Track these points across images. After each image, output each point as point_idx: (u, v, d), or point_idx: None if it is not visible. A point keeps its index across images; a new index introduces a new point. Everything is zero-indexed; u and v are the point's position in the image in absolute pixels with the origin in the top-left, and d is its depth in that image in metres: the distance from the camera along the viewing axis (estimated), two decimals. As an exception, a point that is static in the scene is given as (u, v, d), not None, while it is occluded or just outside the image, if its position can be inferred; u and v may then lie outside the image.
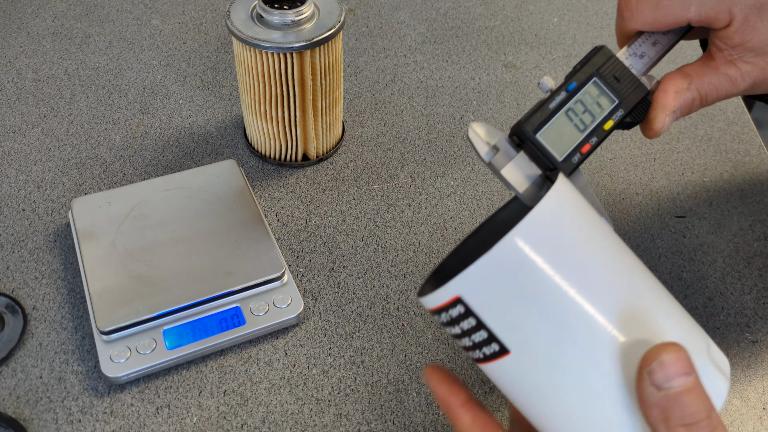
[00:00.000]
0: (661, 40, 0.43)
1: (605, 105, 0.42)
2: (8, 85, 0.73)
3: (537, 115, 0.40)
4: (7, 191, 0.63)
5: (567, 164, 0.40)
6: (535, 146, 0.40)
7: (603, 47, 0.42)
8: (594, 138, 0.41)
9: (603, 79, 0.42)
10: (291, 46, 0.56)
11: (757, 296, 0.58)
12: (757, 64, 0.41)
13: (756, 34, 0.40)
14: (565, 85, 0.41)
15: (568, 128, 0.41)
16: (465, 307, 0.34)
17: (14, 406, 0.49)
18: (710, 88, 0.42)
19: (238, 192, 0.59)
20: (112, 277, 0.53)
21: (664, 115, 0.42)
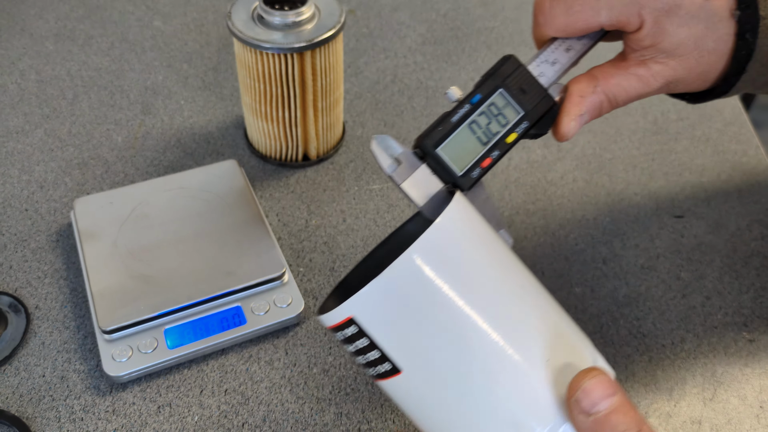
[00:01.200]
0: (574, 45, 0.43)
1: (510, 117, 0.41)
2: (11, 86, 0.74)
3: (439, 128, 0.40)
4: (10, 191, 0.63)
5: (466, 179, 0.40)
6: (435, 161, 0.40)
7: (511, 57, 0.42)
8: (496, 151, 0.41)
9: (509, 90, 0.41)
10: (292, 46, 0.57)
11: (755, 295, 0.58)
12: (668, 65, 0.41)
13: (666, 37, 0.40)
14: (470, 97, 0.41)
15: (470, 142, 0.40)
16: (358, 328, 0.34)
17: (17, 404, 0.49)
18: (618, 89, 0.43)
19: (238, 192, 0.60)
20: (114, 276, 0.53)
21: (569, 120, 0.42)
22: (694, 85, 0.43)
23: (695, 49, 0.41)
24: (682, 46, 0.40)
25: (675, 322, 0.56)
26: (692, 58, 0.41)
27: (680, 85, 0.43)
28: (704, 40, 0.40)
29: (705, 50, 0.41)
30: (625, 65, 0.43)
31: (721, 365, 0.53)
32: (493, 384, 0.34)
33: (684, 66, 0.41)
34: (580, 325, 0.55)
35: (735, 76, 0.42)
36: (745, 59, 0.41)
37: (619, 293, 0.58)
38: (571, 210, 0.64)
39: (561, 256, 0.60)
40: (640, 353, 0.54)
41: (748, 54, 0.41)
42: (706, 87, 0.44)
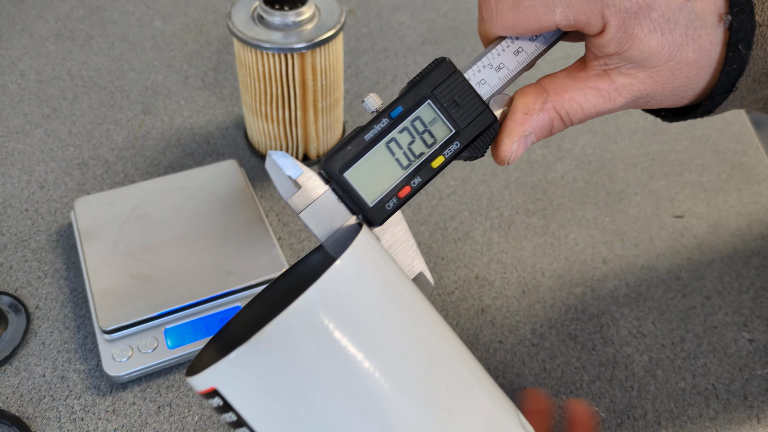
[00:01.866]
0: (525, 47, 0.36)
1: (438, 135, 0.34)
2: (11, 86, 0.74)
3: (348, 148, 0.33)
4: (11, 191, 0.63)
5: (378, 211, 0.34)
6: (341, 188, 0.33)
7: (444, 60, 0.35)
8: (417, 178, 0.34)
9: (439, 102, 0.34)
10: (292, 47, 0.57)
11: (755, 295, 0.58)
12: (636, 77, 0.34)
13: (635, 43, 0.33)
14: (389, 109, 0.34)
15: (386, 165, 0.34)
16: (222, 400, 0.29)
17: (18, 404, 0.49)
18: (573, 106, 0.35)
19: (239, 192, 0.60)
20: (114, 276, 0.53)
21: (510, 141, 0.35)
22: (668, 102, 0.36)
23: (670, 60, 0.33)
24: (654, 56, 0.33)
25: (675, 322, 0.56)
26: (666, 70, 0.34)
27: (651, 102, 0.36)
28: (682, 49, 0.33)
29: (683, 61, 0.33)
30: (583, 76, 0.35)
31: (721, 365, 0.53)
32: None
33: (655, 79, 0.34)
34: (580, 325, 0.56)
35: (722, 94, 0.34)
36: (735, 74, 0.33)
37: (619, 293, 0.58)
38: (571, 210, 0.64)
39: (561, 256, 0.60)
40: (640, 353, 0.54)
41: (739, 68, 0.33)
42: (684, 104, 0.36)
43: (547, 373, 0.52)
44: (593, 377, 0.52)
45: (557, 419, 0.43)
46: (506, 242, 0.61)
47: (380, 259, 0.31)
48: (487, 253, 0.60)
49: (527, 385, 0.51)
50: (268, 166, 0.33)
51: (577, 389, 0.52)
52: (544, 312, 0.56)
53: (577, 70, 0.36)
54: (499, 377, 0.52)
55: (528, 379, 0.52)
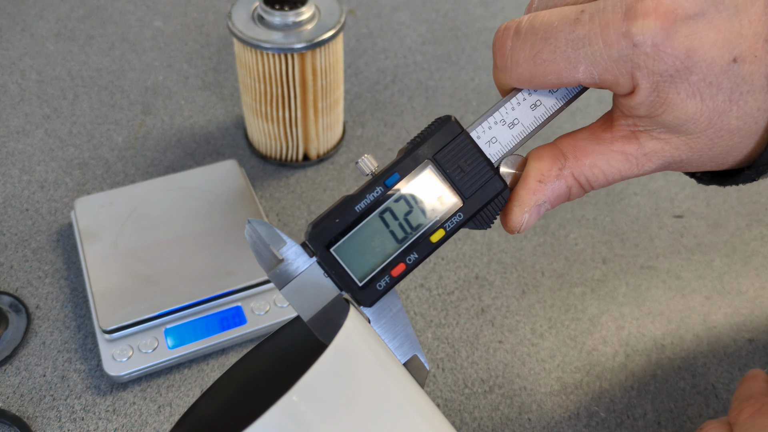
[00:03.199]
0: (544, 101, 0.32)
1: (440, 206, 0.31)
2: (12, 86, 0.74)
3: (337, 220, 0.30)
4: (11, 191, 0.63)
5: (369, 292, 0.30)
6: (327, 264, 0.30)
7: (450, 118, 0.31)
8: (413, 254, 0.31)
9: (441, 168, 0.31)
10: (292, 47, 0.57)
11: (754, 295, 0.58)
12: (670, 142, 0.30)
13: (670, 108, 0.29)
14: (385, 176, 0.30)
15: (379, 238, 0.30)
16: None
17: (18, 404, 0.49)
18: (594, 172, 0.31)
19: (239, 192, 0.60)
20: (115, 276, 0.53)
21: (521, 211, 0.32)
22: (705, 167, 0.32)
23: (710, 128, 0.29)
24: (691, 123, 0.29)
25: (675, 322, 0.56)
26: (705, 137, 0.30)
27: (684, 167, 0.32)
28: (725, 116, 0.29)
29: (724, 129, 0.29)
30: (608, 138, 0.31)
31: (721, 365, 0.53)
32: None
33: (691, 146, 0.30)
34: (580, 325, 0.56)
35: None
36: None
37: (619, 293, 0.58)
38: (571, 210, 0.64)
39: (561, 256, 0.60)
40: (640, 353, 0.54)
41: None
42: (724, 169, 0.32)
43: (547, 372, 0.52)
44: (593, 377, 0.52)
45: None
46: (506, 242, 0.61)
47: (369, 348, 0.28)
48: (487, 253, 0.60)
49: (527, 385, 0.52)
50: (248, 234, 0.29)
51: (576, 389, 0.52)
52: (544, 312, 0.56)
53: (601, 129, 0.32)
54: (499, 377, 0.52)
55: (528, 379, 0.52)
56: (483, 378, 0.52)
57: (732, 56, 0.28)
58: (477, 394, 0.51)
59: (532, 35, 0.30)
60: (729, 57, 0.28)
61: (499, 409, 0.50)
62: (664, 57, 0.28)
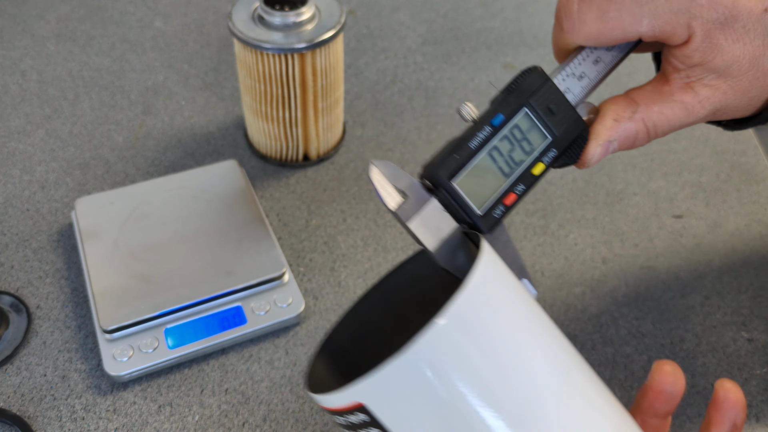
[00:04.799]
0: (603, 57, 0.36)
1: (536, 143, 0.35)
2: (13, 87, 0.74)
3: (455, 156, 0.33)
4: (12, 191, 0.63)
5: (487, 219, 0.33)
6: (450, 196, 0.33)
7: (536, 68, 0.35)
8: (521, 185, 0.34)
9: (535, 110, 0.35)
10: (292, 47, 0.57)
11: (754, 295, 0.58)
12: (719, 88, 0.35)
13: (719, 53, 0.34)
14: (490, 116, 0.34)
15: (491, 173, 0.34)
16: (369, 417, 0.27)
17: (19, 403, 0.49)
18: (660, 119, 0.36)
19: (239, 192, 0.60)
20: (115, 276, 0.53)
21: (596, 145, 0.36)
22: (742, 112, 0.37)
23: (750, 69, 0.35)
24: (735, 65, 0.34)
25: (674, 322, 0.56)
26: (746, 79, 0.35)
27: (727, 113, 0.37)
28: (761, 59, 0.34)
29: (760, 70, 0.35)
30: (668, 90, 0.36)
31: (720, 365, 0.53)
32: None
33: (735, 89, 0.35)
34: (580, 325, 0.56)
35: None
36: None
37: (619, 293, 0.58)
38: (571, 210, 0.64)
39: (561, 256, 0.60)
40: (640, 353, 0.54)
41: None
42: (752, 112, 0.38)
43: (547, 372, 0.52)
44: (592, 377, 0.52)
45: None
46: (506, 242, 0.61)
47: (504, 266, 0.30)
48: (486, 253, 0.60)
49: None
50: (372, 175, 0.32)
51: (576, 389, 0.52)
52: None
53: (660, 84, 0.37)
54: (499, 377, 0.52)
55: (527, 379, 0.52)
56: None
57: (764, 6, 0.34)
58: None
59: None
60: (762, 7, 0.34)
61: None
62: (716, 6, 0.33)
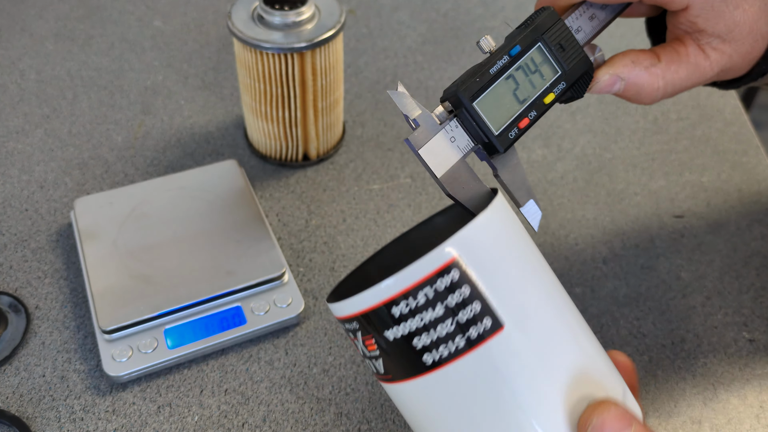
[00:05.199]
0: (598, 15, 0.40)
1: (548, 75, 0.38)
2: (11, 86, 0.74)
3: (476, 79, 0.36)
4: (11, 191, 0.63)
5: (503, 139, 0.36)
6: (470, 116, 0.36)
7: (549, 8, 0.38)
8: (533, 112, 0.37)
9: (548, 45, 0.38)
10: (292, 46, 0.57)
11: (755, 295, 0.58)
12: (724, 52, 0.38)
13: (721, 19, 0.37)
14: (508, 47, 0.37)
15: (507, 98, 0.36)
16: (459, 272, 0.30)
17: (17, 404, 0.49)
18: (677, 78, 0.39)
19: (238, 192, 0.60)
20: (114, 276, 0.53)
21: (606, 71, 0.39)
22: (741, 72, 0.40)
23: (750, 33, 0.38)
24: (737, 29, 0.37)
25: (675, 322, 0.56)
26: (747, 43, 0.38)
27: (730, 73, 0.40)
28: (758, 22, 0.38)
29: (758, 33, 0.38)
30: (684, 51, 0.39)
31: (721, 365, 0.53)
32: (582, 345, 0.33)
33: (738, 52, 0.38)
34: (580, 325, 0.56)
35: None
36: None
37: (619, 293, 0.58)
38: (571, 210, 0.64)
39: (561, 256, 0.60)
40: (640, 353, 0.54)
41: None
42: (744, 73, 0.41)
43: (548, 373, 0.52)
44: (593, 377, 0.52)
45: None
46: (506, 242, 0.61)
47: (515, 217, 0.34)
48: (487, 253, 0.60)
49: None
50: (394, 96, 0.35)
51: (577, 389, 0.51)
52: (544, 312, 0.56)
53: (678, 45, 0.39)
54: (499, 377, 0.52)
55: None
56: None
57: None
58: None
59: None
60: None
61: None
62: None
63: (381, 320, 0.31)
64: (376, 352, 0.32)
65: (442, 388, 0.31)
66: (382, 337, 0.31)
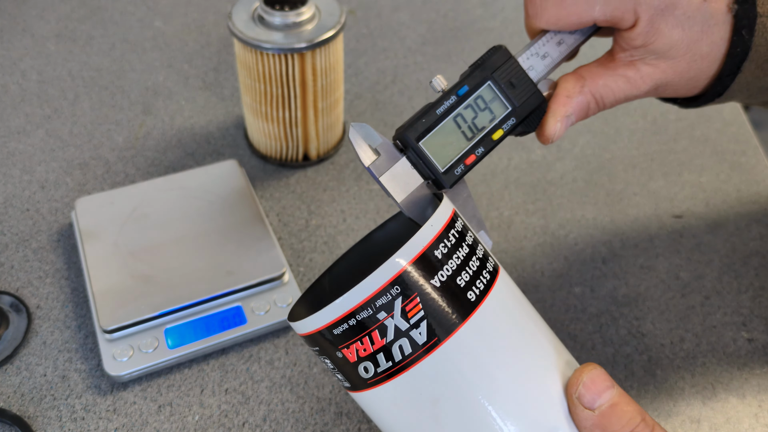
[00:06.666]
0: (566, 39, 0.41)
1: (497, 112, 0.39)
2: (13, 87, 0.74)
3: (422, 120, 0.38)
4: (12, 191, 0.63)
5: (449, 176, 0.38)
6: (417, 154, 0.38)
7: (501, 47, 0.40)
8: (481, 148, 0.39)
9: (497, 83, 0.39)
10: (292, 47, 0.57)
11: (754, 295, 0.58)
12: (658, 67, 0.40)
13: (660, 37, 0.39)
14: (456, 88, 0.39)
15: (454, 136, 0.38)
16: (463, 223, 0.34)
17: (19, 403, 0.49)
18: (606, 90, 0.41)
19: (239, 192, 0.60)
20: (115, 276, 0.53)
21: (554, 121, 0.40)
22: (683, 91, 0.42)
23: (687, 53, 0.39)
24: (674, 48, 0.39)
25: (674, 322, 0.56)
26: (684, 61, 0.40)
27: (668, 90, 0.42)
28: (698, 43, 0.39)
29: (698, 54, 0.39)
30: (613, 65, 0.41)
31: (720, 365, 0.53)
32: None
33: (675, 69, 0.40)
34: (580, 325, 0.56)
35: (729, 76, 0.40)
36: (740, 57, 0.39)
37: (619, 293, 0.58)
38: (571, 210, 0.64)
39: (561, 256, 0.60)
40: (640, 353, 0.54)
41: (743, 52, 0.39)
42: (696, 93, 0.42)
43: (547, 372, 0.52)
44: (592, 377, 0.52)
45: None
46: (506, 242, 0.61)
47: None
48: (486, 253, 0.60)
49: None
50: (351, 135, 0.36)
51: (576, 389, 0.52)
52: (544, 312, 0.56)
53: (606, 61, 0.41)
54: (499, 377, 0.52)
55: (527, 379, 0.52)
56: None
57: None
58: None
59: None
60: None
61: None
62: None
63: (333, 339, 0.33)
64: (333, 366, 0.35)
65: (405, 391, 0.33)
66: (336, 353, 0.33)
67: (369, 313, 0.32)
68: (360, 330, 0.32)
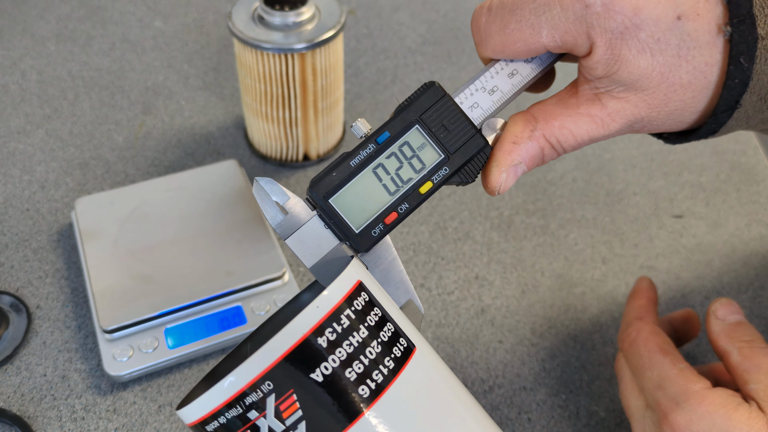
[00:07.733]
0: (521, 70, 0.35)
1: (428, 160, 0.34)
2: (13, 87, 0.74)
3: (334, 174, 0.33)
4: (12, 191, 0.63)
5: (364, 238, 0.33)
6: (326, 214, 0.33)
7: (434, 84, 0.35)
8: (404, 204, 0.34)
9: (427, 126, 0.34)
10: (292, 47, 0.57)
11: (754, 295, 0.58)
12: (628, 101, 0.33)
13: (623, 65, 0.31)
14: (376, 135, 0.34)
15: (373, 191, 0.33)
16: (368, 295, 0.30)
17: (19, 403, 0.49)
18: (564, 133, 0.34)
19: (239, 192, 0.60)
20: (115, 276, 0.53)
21: (498, 171, 0.34)
22: (666, 126, 0.34)
23: (662, 82, 0.32)
24: (644, 78, 0.32)
25: (674, 322, 0.56)
26: (659, 93, 0.32)
27: (647, 127, 0.34)
28: (676, 70, 0.32)
29: (677, 83, 0.32)
30: (574, 102, 0.34)
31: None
32: None
33: (649, 103, 0.33)
34: (580, 325, 0.56)
35: (726, 111, 0.32)
36: (739, 89, 0.31)
37: (619, 293, 0.58)
38: (571, 210, 0.64)
39: (561, 256, 0.60)
40: (640, 353, 0.54)
41: (742, 82, 0.31)
42: (684, 127, 0.35)
43: (547, 372, 0.53)
44: (593, 377, 0.52)
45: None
46: (506, 242, 0.61)
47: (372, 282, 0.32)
48: (487, 253, 0.60)
49: (527, 385, 0.52)
50: (255, 191, 0.33)
51: (576, 389, 0.52)
52: (544, 312, 0.56)
53: (567, 95, 0.35)
54: (499, 377, 0.52)
55: (528, 379, 0.52)
56: (483, 378, 0.52)
57: (676, 14, 0.31)
58: (477, 394, 0.51)
59: (501, 9, 0.33)
60: (673, 15, 0.31)
61: (499, 409, 0.50)
62: (614, 15, 0.31)
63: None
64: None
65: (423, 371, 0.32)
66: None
67: (238, 411, 0.27)
68: (232, 429, 0.28)
